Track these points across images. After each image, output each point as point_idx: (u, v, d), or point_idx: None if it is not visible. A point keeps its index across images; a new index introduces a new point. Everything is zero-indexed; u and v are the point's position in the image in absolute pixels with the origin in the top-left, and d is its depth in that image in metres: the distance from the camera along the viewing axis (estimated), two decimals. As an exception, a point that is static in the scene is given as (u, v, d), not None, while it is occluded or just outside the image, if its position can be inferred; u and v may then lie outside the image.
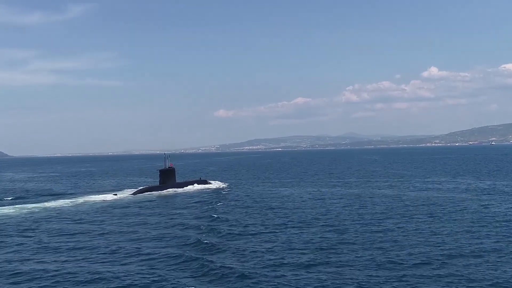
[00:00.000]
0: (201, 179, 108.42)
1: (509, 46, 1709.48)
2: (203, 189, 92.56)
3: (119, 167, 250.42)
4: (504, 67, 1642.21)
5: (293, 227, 46.74)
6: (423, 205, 60.80)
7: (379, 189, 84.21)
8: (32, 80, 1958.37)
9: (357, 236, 41.55)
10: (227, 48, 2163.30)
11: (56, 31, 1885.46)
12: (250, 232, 44.58)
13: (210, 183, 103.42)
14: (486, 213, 52.77)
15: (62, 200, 77.38)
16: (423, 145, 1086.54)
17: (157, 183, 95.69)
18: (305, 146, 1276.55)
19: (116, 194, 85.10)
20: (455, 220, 48.98)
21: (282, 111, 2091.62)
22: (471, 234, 41.60)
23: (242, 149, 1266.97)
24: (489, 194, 71.88)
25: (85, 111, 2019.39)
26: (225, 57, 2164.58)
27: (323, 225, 47.45)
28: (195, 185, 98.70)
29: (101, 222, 54.28)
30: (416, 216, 52.01)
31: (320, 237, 41.40)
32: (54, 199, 79.21)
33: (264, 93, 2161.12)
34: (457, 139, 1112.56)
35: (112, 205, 70.85)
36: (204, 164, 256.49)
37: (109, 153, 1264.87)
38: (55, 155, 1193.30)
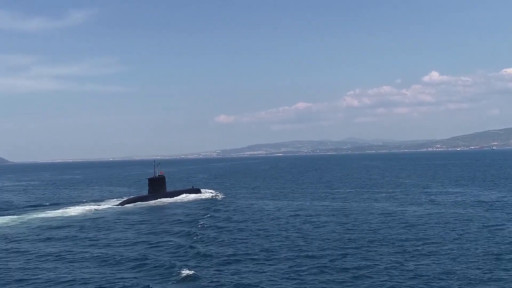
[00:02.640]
0: (193, 187, 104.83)
1: (510, 50, 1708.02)
2: (194, 199, 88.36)
3: (112, 174, 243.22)
4: (505, 71, 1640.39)
5: (271, 258, 38.38)
6: (423, 225, 51.96)
7: (374, 201, 76.54)
8: (33, 86, 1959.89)
9: (338, 270, 33.95)
10: (228, 53, 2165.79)
11: (57, 37, 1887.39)
12: (225, 259, 38.38)
13: (202, 192, 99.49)
14: (502, 236, 44.35)
15: (8, 217, 67.34)
16: (425, 149, 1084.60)
17: (146, 193, 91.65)
18: (306, 151, 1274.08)
19: (99, 205, 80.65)
20: (463, 247, 40.48)
21: (283, 116, 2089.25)
22: (489, 268, 33.73)
23: (243, 154, 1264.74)
24: (500, 208, 63.37)
25: (86, 117, 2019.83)
26: (226, 62, 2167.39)
27: (301, 251, 40.13)
28: (186, 194, 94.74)
29: (52, 240, 48.63)
30: (415, 240, 43.75)
31: (293, 271, 34.20)
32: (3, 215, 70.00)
33: (265, 98, 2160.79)
34: (458, 143, 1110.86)
35: (83, 218, 64.83)
36: (200, 170, 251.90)
37: (110, 159, 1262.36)
38: (56, 161, 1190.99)
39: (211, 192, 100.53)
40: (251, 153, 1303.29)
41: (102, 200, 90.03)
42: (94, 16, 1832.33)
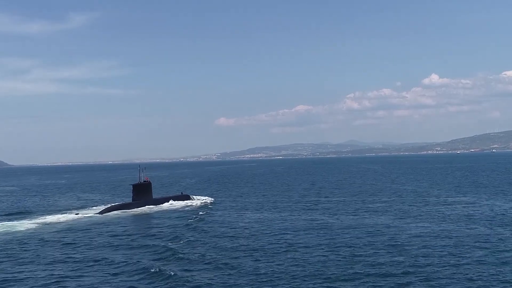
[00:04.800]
0: (183, 193, 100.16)
1: (510, 53, 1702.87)
2: (182, 207, 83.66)
3: (102, 177, 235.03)
4: (505, 74, 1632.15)
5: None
6: (422, 247, 42.95)
7: (366, 213, 67.88)
8: (33, 89, 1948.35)
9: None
10: (228, 56, 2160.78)
11: (57, 40, 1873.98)
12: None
13: (191, 199, 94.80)
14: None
15: None
16: (425, 152, 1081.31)
17: (131, 200, 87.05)
18: (306, 154, 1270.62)
19: (78, 214, 75.52)
20: (472, 277, 33.09)
21: (283, 119, 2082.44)
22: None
23: (243, 157, 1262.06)
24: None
25: (87, 120, 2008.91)
26: (226, 66, 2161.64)
27: (266, 283, 33.56)
28: (174, 201, 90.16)
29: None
30: (410, 267, 35.86)
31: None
32: None
33: (265, 101, 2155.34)
34: (458, 146, 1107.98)
35: (55, 229, 59.50)
36: (194, 174, 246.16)
37: (110, 162, 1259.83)
38: (55, 164, 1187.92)
39: (201, 199, 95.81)
40: (251, 156, 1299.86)
41: (81, 208, 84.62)
42: (95, 19, 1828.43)
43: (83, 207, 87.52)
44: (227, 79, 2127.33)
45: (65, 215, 74.41)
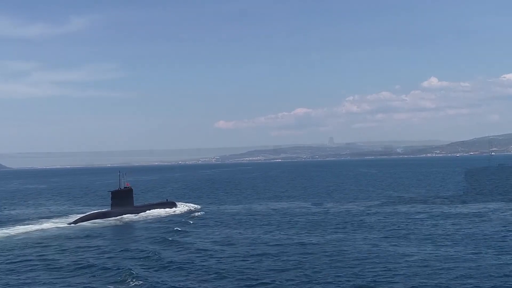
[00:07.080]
0: (168, 200, 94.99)
1: (510, 56, 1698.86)
2: (164, 216, 78.34)
3: (86, 182, 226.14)
4: (505, 77, 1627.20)
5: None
6: (428, 279, 35.03)
7: (354, 230, 59.08)
8: (33, 92, 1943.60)
9: None
10: (227, 58, 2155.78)
11: (58, 43, 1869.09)
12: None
13: (176, 206, 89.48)
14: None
15: None
16: (424, 155, 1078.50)
17: (109, 208, 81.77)
18: (305, 157, 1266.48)
19: (46, 224, 68.69)
20: None
21: (283, 122, 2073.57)
22: None
23: (242, 160, 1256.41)
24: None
25: (87, 122, 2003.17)
26: (225, 68, 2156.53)
27: None
28: (158, 209, 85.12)
29: None
30: None
31: None
32: None
33: (264, 103, 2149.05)
34: (458, 149, 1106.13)
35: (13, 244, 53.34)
36: (185, 178, 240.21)
37: (108, 165, 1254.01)
38: (54, 167, 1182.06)
39: (186, 206, 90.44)
40: (250, 159, 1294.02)
41: (53, 217, 78.32)
42: (95, 22, 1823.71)
43: (55, 216, 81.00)
44: (227, 81, 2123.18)
45: (28, 226, 67.74)
